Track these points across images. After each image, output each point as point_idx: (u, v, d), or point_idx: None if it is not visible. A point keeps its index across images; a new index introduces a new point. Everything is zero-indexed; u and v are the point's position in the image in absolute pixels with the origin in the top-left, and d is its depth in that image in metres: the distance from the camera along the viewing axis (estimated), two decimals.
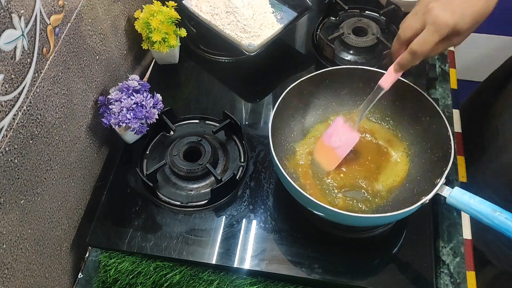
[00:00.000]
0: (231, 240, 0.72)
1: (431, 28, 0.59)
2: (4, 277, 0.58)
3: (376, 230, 0.72)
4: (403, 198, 0.71)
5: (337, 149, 0.74)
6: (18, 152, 0.58)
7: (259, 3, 0.91)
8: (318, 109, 0.80)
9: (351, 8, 1.01)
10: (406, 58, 0.63)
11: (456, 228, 0.75)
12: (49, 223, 0.68)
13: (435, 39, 0.59)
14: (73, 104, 0.71)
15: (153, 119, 0.78)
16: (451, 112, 0.88)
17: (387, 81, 0.67)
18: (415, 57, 0.62)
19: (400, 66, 0.65)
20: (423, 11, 0.60)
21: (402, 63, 0.64)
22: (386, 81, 0.68)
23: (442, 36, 0.59)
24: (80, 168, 0.76)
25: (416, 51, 0.61)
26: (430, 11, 0.59)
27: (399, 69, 0.65)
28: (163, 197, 0.76)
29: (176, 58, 0.94)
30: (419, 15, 0.61)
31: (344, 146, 0.74)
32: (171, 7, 0.86)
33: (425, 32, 0.59)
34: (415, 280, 0.68)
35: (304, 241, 0.71)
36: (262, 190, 0.77)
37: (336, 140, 0.74)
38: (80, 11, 0.70)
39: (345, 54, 0.94)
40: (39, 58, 0.60)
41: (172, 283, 0.70)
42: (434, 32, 0.59)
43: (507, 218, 0.56)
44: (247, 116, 0.87)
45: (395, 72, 0.66)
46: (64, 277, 0.73)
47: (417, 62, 0.63)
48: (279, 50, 0.95)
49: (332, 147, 0.74)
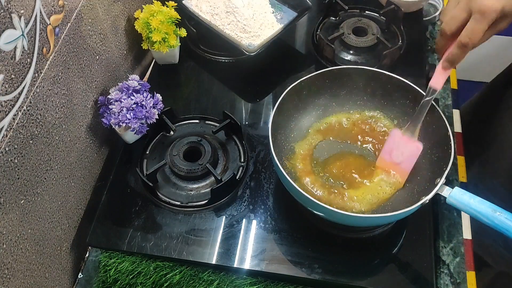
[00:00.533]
0: (231, 240, 0.72)
1: (478, 16, 0.56)
2: (4, 277, 0.58)
3: (376, 230, 0.72)
4: (403, 198, 0.71)
5: (401, 164, 0.71)
6: (18, 152, 0.58)
7: (259, 3, 0.91)
8: (318, 109, 0.80)
9: (351, 8, 1.01)
10: (455, 54, 0.60)
11: (456, 228, 0.75)
12: (49, 223, 0.68)
13: (484, 26, 0.56)
14: (73, 104, 0.71)
15: (153, 119, 0.78)
16: (451, 112, 0.88)
17: (439, 81, 0.64)
18: (465, 50, 0.59)
19: (450, 63, 0.62)
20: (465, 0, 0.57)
21: (452, 58, 0.61)
22: (437, 81, 0.65)
23: (491, 22, 0.56)
24: (80, 168, 0.76)
25: (466, 43, 0.58)
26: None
27: (449, 66, 0.62)
28: (163, 197, 0.76)
29: (176, 58, 0.94)
30: (462, 4, 0.57)
31: (408, 159, 0.70)
32: (171, 7, 0.86)
33: (473, 21, 0.56)
34: (415, 280, 0.68)
35: (304, 241, 0.71)
36: (262, 190, 0.77)
37: (398, 154, 0.71)
38: (80, 11, 0.70)
39: (345, 54, 0.94)
40: (39, 58, 0.60)
41: (172, 283, 0.70)
42: (482, 20, 0.56)
43: (507, 218, 0.56)
44: (247, 116, 0.87)
45: (444, 70, 0.63)
46: (64, 277, 0.73)
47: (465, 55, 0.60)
48: (279, 50, 0.95)
49: (395, 163, 0.71)
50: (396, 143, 0.71)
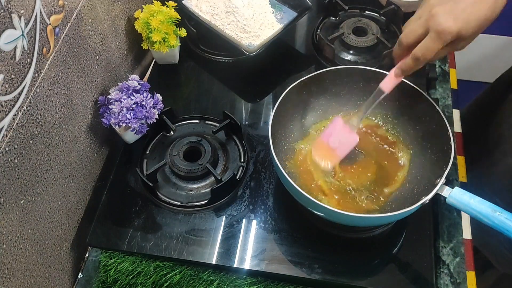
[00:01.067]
0: (231, 240, 0.72)
1: (434, 35, 0.57)
2: (4, 277, 0.58)
3: (376, 230, 0.72)
4: (403, 198, 0.71)
5: (336, 149, 0.74)
6: (18, 152, 0.58)
7: (259, 3, 0.91)
8: (318, 109, 0.80)
9: (351, 8, 1.01)
10: (408, 64, 0.62)
11: (456, 228, 0.75)
12: (49, 223, 0.68)
13: (438, 46, 0.58)
14: (73, 104, 0.71)
15: (153, 119, 0.78)
16: (451, 112, 0.88)
17: (388, 85, 0.67)
18: (417, 63, 0.61)
19: (401, 71, 0.64)
20: (426, 17, 0.59)
21: (404, 68, 0.63)
22: (387, 85, 0.67)
23: (446, 42, 0.58)
24: (80, 168, 0.76)
25: (418, 58, 0.60)
26: (434, 17, 0.57)
27: (400, 73, 0.65)
28: (163, 197, 0.76)
29: (176, 58, 0.94)
30: (422, 20, 0.59)
31: (343, 147, 0.74)
32: (171, 7, 0.86)
33: (428, 39, 0.58)
34: (415, 280, 0.68)
35: (304, 241, 0.71)
36: (262, 190, 0.77)
37: (334, 140, 0.74)
38: (80, 11, 0.70)
39: (345, 54, 0.94)
40: (39, 58, 0.60)
41: (172, 283, 0.70)
42: (437, 39, 0.57)
43: (507, 218, 0.56)
44: (247, 116, 0.87)
45: (396, 77, 0.66)
46: (64, 277, 0.73)
47: (419, 67, 0.62)
48: (279, 50, 0.95)
49: (330, 148, 0.74)
50: (336, 130, 0.74)
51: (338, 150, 0.74)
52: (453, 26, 0.56)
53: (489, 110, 0.95)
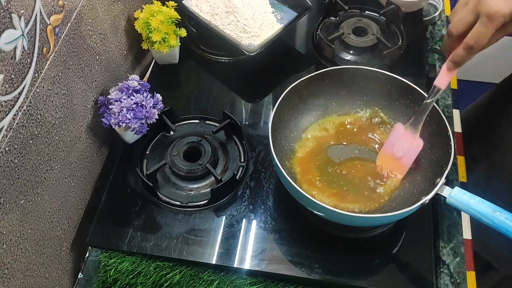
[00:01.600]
0: (231, 240, 0.72)
1: (485, 19, 0.55)
2: (4, 277, 0.58)
3: (376, 230, 0.72)
4: (403, 198, 0.71)
5: (402, 159, 0.71)
6: (18, 152, 0.58)
7: (259, 3, 0.91)
8: (318, 109, 0.80)
9: (351, 8, 1.01)
10: (461, 55, 0.59)
11: (456, 228, 0.75)
12: (49, 223, 0.68)
13: (492, 30, 0.56)
14: (73, 104, 0.71)
15: (153, 119, 0.78)
16: (451, 112, 0.88)
17: (443, 80, 0.64)
18: (471, 52, 0.58)
19: (455, 63, 0.61)
20: (474, 2, 0.56)
21: (458, 60, 0.60)
22: (442, 80, 0.64)
23: (499, 26, 0.55)
24: (80, 168, 0.76)
25: (472, 46, 0.57)
26: (483, 1, 0.55)
27: (454, 67, 0.62)
28: (163, 197, 0.76)
29: (176, 58, 0.94)
30: (470, 6, 0.57)
31: (408, 154, 0.71)
32: (171, 7, 0.86)
33: (480, 25, 0.56)
34: (415, 280, 0.68)
35: (304, 241, 0.71)
36: (262, 190, 0.77)
37: (399, 149, 0.71)
38: (80, 11, 0.70)
39: (345, 54, 0.94)
40: (39, 58, 0.60)
41: (172, 283, 0.70)
42: (489, 23, 0.55)
43: (507, 218, 0.56)
44: (247, 116, 0.87)
45: (449, 71, 0.63)
46: (64, 277, 0.73)
47: (473, 56, 0.60)
48: (279, 50, 0.95)
49: (396, 158, 0.72)
50: (399, 138, 0.72)
51: (404, 159, 0.71)
52: (505, 7, 0.54)
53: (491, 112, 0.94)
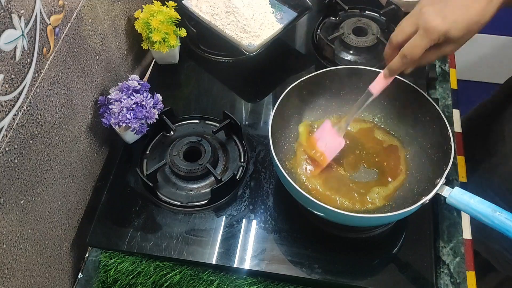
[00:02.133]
0: (231, 240, 0.72)
1: (422, 32, 0.58)
2: (4, 277, 0.58)
3: (376, 230, 0.72)
4: (403, 198, 0.71)
5: (324, 153, 0.74)
6: (18, 152, 0.58)
7: (259, 3, 0.91)
8: (318, 109, 0.80)
9: (351, 8, 1.01)
10: (396, 63, 0.62)
11: (456, 228, 0.75)
12: (49, 223, 0.68)
13: (425, 44, 0.58)
14: (73, 104, 0.71)
15: (153, 119, 0.78)
16: (451, 112, 0.88)
17: (377, 87, 0.66)
18: (405, 62, 0.61)
19: (390, 71, 0.64)
20: (416, 15, 0.59)
21: (393, 68, 0.63)
22: (376, 86, 0.66)
23: (433, 41, 0.58)
24: (80, 168, 0.76)
25: (406, 55, 0.60)
26: (423, 15, 0.57)
27: (389, 74, 0.64)
28: (163, 197, 0.76)
29: (176, 58, 0.94)
30: (412, 19, 0.59)
31: (329, 151, 0.73)
32: (171, 7, 0.86)
33: (416, 36, 0.58)
34: (415, 280, 0.68)
35: (304, 241, 0.71)
36: (262, 190, 0.77)
37: (321, 144, 0.74)
38: (80, 11, 0.70)
39: (345, 54, 0.94)
40: (39, 58, 0.60)
41: (172, 283, 0.70)
42: (424, 37, 0.57)
43: (507, 218, 0.56)
44: (247, 116, 0.87)
45: (385, 78, 0.65)
46: (64, 277, 0.73)
47: (408, 68, 0.62)
48: (279, 50, 0.95)
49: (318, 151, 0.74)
50: (324, 134, 0.74)
51: (326, 153, 0.73)
52: (441, 24, 0.56)
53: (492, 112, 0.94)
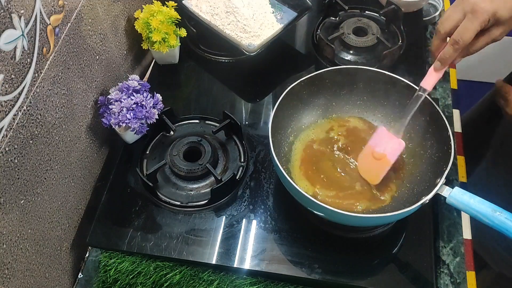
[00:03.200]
0: (231, 240, 0.72)
1: (470, 15, 0.58)
2: (4, 277, 0.58)
3: (376, 230, 0.72)
4: (403, 198, 0.71)
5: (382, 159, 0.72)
6: (18, 152, 0.58)
7: (259, 3, 0.91)
8: (318, 109, 0.80)
9: (351, 8, 1.01)
10: (448, 52, 0.62)
11: (456, 228, 0.75)
12: (49, 223, 0.68)
13: (475, 26, 0.58)
14: (73, 104, 0.71)
15: (153, 119, 0.78)
16: (451, 112, 0.88)
17: (430, 82, 0.66)
18: (457, 48, 0.61)
19: (442, 62, 0.63)
20: (461, 2, 0.60)
21: (445, 57, 0.63)
22: (428, 82, 0.66)
23: (483, 23, 0.58)
24: (80, 168, 0.76)
25: (457, 41, 0.60)
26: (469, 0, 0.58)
27: (441, 65, 0.64)
28: (163, 197, 0.76)
29: (176, 58, 0.94)
30: (458, 7, 0.60)
31: (391, 152, 0.72)
32: (171, 7, 0.86)
33: (465, 21, 0.59)
34: (415, 280, 0.68)
35: (304, 241, 0.71)
36: (262, 190, 0.77)
37: (380, 150, 0.72)
38: (80, 11, 0.70)
39: (345, 54, 0.94)
40: (39, 58, 0.60)
41: (172, 283, 0.70)
42: (473, 19, 0.58)
43: (507, 218, 0.56)
44: (247, 116, 0.87)
45: (436, 72, 0.65)
46: (64, 277, 0.73)
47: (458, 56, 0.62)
48: (279, 50, 0.95)
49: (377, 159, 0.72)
50: (381, 139, 0.73)
51: (384, 159, 0.72)
52: (489, 5, 0.57)
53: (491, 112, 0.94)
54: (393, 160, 0.71)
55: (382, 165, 0.72)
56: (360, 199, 0.72)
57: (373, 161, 0.73)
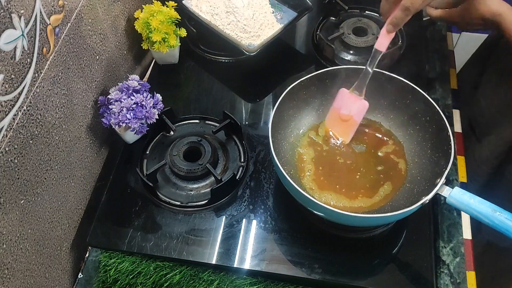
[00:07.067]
0: (231, 240, 0.72)
1: None
2: (4, 277, 0.58)
3: (376, 230, 0.72)
4: (403, 198, 0.71)
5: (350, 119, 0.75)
6: (18, 152, 0.58)
7: (259, 3, 0.91)
8: (318, 109, 0.80)
9: (351, 8, 1.01)
10: (399, 16, 0.64)
11: (456, 228, 0.75)
12: (49, 223, 0.68)
13: None
14: (73, 104, 0.71)
15: (153, 119, 0.78)
16: (451, 112, 0.88)
17: (383, 43, 0.68)
18: (407, 13, 0.63)
19: (394, 25, 0.66)
20: None
21: (396, 22, 0.65)
22: (382, 43, 0.68)
23: None
24: (80, 168, 0.76)
25: (408, 7, 0.62)
26: None
27: (392, 29, 0.66)
28: (163, 197, 0.76)
29: (176, 58, 0.94)
30: None
31: (357, 114, 0.75)
32: (171, 7, 0.86)
33: None
34: (415, 280, 0.68)
35: (304, 241, 0.71)
36: (262, 190, 0.77)
37: (346, 110, 0.75)
38: (80, 11, 0.70)
39: (345, 54, 0.94)
40: (39, 58, 0.60)
41: (172, 283, 0.70)
42: None
43: (507, 218, 0.56)
44: (247, 116, 0.87)
45: (388, 33, 0.67)
46: (64, 277, 0.73)
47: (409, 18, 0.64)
48: (279, 50, 0.95)
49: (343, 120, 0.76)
50: (344, 101, 0.76)
51: (352, 120, 0.75)
52: None
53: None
54: (359, 120, 0.76)
55: (350, 125, 0.76)
56: (360, 198, 0.72)
57: (341, 123, 0.77)
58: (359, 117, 0.76)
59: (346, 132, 0.77)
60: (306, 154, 0.77)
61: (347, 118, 0.76)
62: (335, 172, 0.75)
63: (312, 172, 0.75)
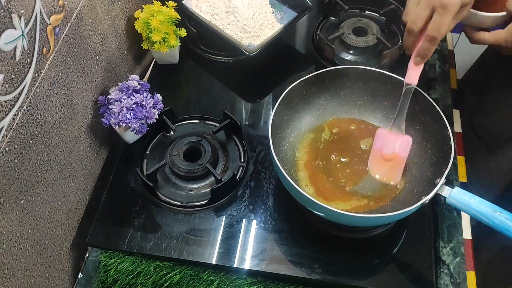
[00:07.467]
0: (231, 240, 0.72)
1: (441, 10, 0.59)
2: (4, 277, 0.58)
3: (376, 230, 0.72)
4: (403, 198, 0.71)
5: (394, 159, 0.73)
6: (18, 152, 0.58)
7: (259, 3, 0.91)
8: (318, 109, 0.80)
9: (351, 8, 1.01)
10: (426, 47, 0.63)
11: (456, 228, 0.75)
12: (49, 223, 0.68)
13: (448, 19, 0.60)
14: (73, 104, 0.71)
15: (153, 119, 0.78)
16: (451, 112, 0.88)
17: (413, 76, 0.67)
18: (434, 43, 0.62)
19: (422, 57, 0.65)
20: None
21: (423, 53, 0.64)
22: (411, 76, 0.67)
23: (454, 13, 0.59)
24: (80, 168, 0.76)
25: (435, 37, 0.61)
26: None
27: (421, 60, 0.65)
28: (163, 197, 0.76)
29: (176, 58, 0.94)
30: (423, 3, 0.61)
31: (401, 150, 0.72)
32: (171, 7, 0.86)
33: (437, 16, 0.60)
34: (415, 280, 0.68)
35: (304, 241, 0.71)
36: (262, 190, 0.77)
37: (389, 151, 0.73)
38: (80, 11, 0.70)
39: (345, 54, 0.94)
40: (39, 58, 0.60)
41: (172, 283, 0.70)
42: (445, 13, 0.59)
43: (507, 218, 0.56)
44: (247, 116, 0.87)
45: (416, 65, 0.66)
46: (64, 277, 0.73)
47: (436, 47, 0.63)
48: (279, 50, 0.95)
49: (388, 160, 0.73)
50: (385, 141, 0.73)
51: (397, 158, 0.72)
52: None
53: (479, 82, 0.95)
54: (405, 156, 0.72)
55: (397, 164, 0.72)
56: (361, 199, 0.72)
57: (385, 163, 0.73)
58: (404, 153, 0.72)
59: (394, 171, 0.73)
60: (306, 154, 0.77)
61: (392, 157, 0.73)
62: (336, 172, 0.75)
63: (313, 172, 0.75)
